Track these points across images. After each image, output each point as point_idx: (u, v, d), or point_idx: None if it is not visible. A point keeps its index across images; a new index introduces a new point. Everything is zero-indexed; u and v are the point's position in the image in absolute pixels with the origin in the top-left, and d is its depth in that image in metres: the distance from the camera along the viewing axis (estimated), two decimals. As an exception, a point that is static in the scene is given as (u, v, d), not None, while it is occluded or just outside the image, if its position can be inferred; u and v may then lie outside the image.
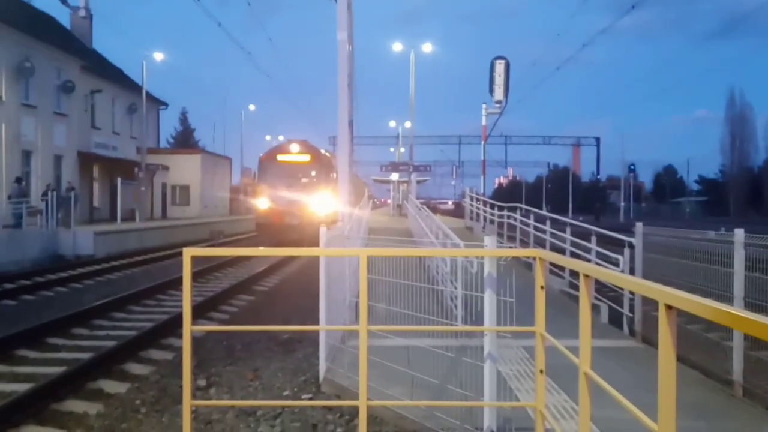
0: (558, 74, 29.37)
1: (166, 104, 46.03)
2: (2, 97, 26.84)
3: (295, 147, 30.26)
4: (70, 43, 35.13)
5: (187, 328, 4.22)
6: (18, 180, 25.28)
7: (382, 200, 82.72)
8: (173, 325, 10.06)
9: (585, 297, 3.00)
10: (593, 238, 10.63)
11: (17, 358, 8.51)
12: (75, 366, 7.70)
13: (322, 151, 31.95)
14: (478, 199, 25.34)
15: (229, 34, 21.10)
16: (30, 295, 14.10)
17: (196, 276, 15.58)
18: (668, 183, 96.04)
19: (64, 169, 31.48)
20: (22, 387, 6.98)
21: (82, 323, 10.72)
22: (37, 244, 21.59)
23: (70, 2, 17.36)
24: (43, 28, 32.07)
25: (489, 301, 4.49)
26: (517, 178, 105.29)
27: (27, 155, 28.99)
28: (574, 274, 11.07)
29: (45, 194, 24.51)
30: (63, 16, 37.92)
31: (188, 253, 4.22)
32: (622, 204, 71.85)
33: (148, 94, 37.32)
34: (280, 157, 30.20)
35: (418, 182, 42.19)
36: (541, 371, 3.88)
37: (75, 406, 6.62)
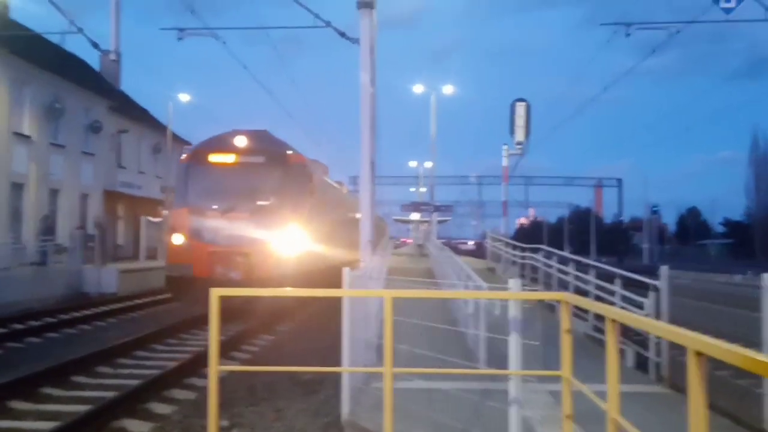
0: (579, 114, 29.54)
1: (190, 144, 46.83)
2: (32, 137, 27.57)
3: (241, 141, 17.00)
4: (99, 84, 36.02)
5: (214, 368, 4.26)
6: (45, 218, 25.75)
7: (402, 240, 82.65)
8: (196, 364, 10.08)
9: (612, 341, 3.00)
10: (617, 281, 10.54)
11: (42, 396, 8.57)
12: (99, 405, 7.74)
13: (292, 153, 17.80)
14: (499, 240, 25.29)
15: (254, 76, 21.59)
16: (54, 333, 14.24)
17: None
18: (692, 225, 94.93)
19: (90, 207, 32.07)
20: (47, 425, 7.02)
21: (106, 361, 10.79)
22: (61, 281, 21.87)
23: (101, 45, 17.87)
24: (73, 70, 33.02)
25: (514, 344, 4.48)
26: (539, 219, 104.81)
27: (54, 193, 29.60)
28: (598, 316, 10.97)
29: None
30: (93, 58, 38.96)
31: (215, 293, 4.29)
32: (646, 246, 71.09)
33: (174, 134, 38.11)
34: (213, 158, 17.12)
35: (439, 222, 42.28)
36: (568, 416, 3.85)
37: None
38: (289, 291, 4.44)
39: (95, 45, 17.95)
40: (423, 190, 59.75)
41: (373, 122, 13.61)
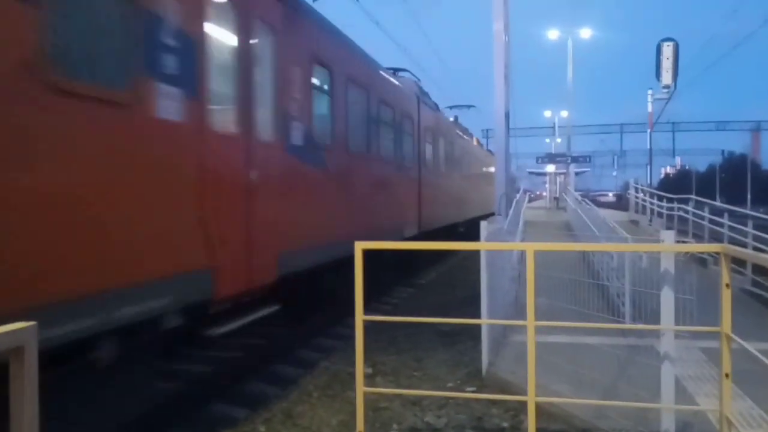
0: (734, 53, 27.01)
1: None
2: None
3: None
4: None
5: (360, 317, 4.44)
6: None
7: (538, 192, 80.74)
8: (339, 315, 10.51)
9: (782, 297, 2.78)
10: (780, 233, 9.71)
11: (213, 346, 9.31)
12: (252, 353, 8.35)
13: None
14: (643, 191, 24.03)
15: (386, 32, 21.56)
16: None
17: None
18: None
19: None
20: (206, 369, 7.65)
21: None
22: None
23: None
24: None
25: (666, 299, 4.27)
26: (686, 168, 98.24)
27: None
28: (758, 271, 10.17)
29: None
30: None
31: (359, 246, 4.44)
32: (812, 194, 64.69)
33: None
34: None
35: (577, 174, 40.79)
36: (727, 375, 3.65)
37: (258, 387, 7.20)
38: (428, 244, 4.35)
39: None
40: (558, 140, 57.85)
41: (507, 71, 13.28)
